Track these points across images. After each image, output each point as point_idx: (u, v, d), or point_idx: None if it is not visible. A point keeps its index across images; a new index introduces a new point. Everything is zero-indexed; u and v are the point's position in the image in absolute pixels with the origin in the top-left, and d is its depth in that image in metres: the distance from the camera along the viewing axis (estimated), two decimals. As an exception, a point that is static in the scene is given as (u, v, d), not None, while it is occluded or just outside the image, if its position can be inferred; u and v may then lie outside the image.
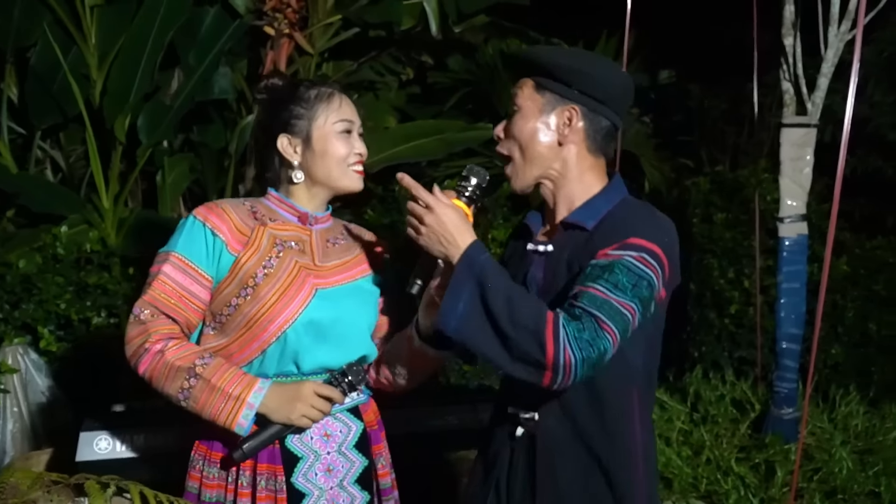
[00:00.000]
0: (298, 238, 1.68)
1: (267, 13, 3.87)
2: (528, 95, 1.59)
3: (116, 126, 3.68)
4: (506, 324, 1.38)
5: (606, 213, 1.56)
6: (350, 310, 1.66)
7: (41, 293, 3.22)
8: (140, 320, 1.58)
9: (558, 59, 1.59)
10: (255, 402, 1.54)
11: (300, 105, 1.66)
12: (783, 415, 3.34)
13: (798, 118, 3.26)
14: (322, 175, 1.67)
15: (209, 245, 1.60)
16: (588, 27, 5.28)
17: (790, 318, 3.31)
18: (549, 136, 1.57)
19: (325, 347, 1.63)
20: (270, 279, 1.59)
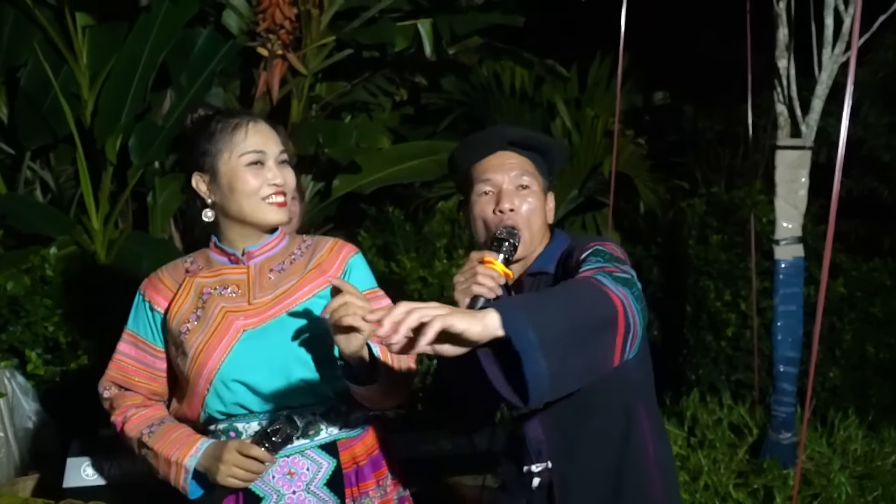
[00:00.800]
0: (231, 281, 1.63)
1: (260, 34, 3.89)
2: (534, 175, 1.69)
3: (107, 146, 3.68)
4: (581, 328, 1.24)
5: (560, 253, 1.66)
6: (282, 343, 1.57)
7: (29, 315, 3.20)
8: (105, 398, 1.73)
9: (558, 145, 1.74)
10: (190, 465, 1.58)
11: (207, 140, 1.59)
12: (781, 439, 3.33)
13: (792, 140, 3.28)
14: (234, 211, 1.59)
15: (149, 318, 1.67)
16: (582, 48, 5.33)
17: (787, 340, 3.31)
18: (548, 218, 1.71)
19: (264, 388, 1.57)
20: (195, 332, 1.58)
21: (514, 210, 1.64)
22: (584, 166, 5.08)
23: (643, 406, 1.61)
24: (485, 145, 1.71)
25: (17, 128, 3.86)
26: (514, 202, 1.64)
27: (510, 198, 1.65)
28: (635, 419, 1.59)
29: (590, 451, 1.59)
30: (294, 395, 1.58)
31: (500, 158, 1.68)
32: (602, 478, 1.58)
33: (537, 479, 1.62)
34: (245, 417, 1.60)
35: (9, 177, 3.98)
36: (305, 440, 1.60)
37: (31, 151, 3.90)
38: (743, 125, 4.62)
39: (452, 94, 5.26)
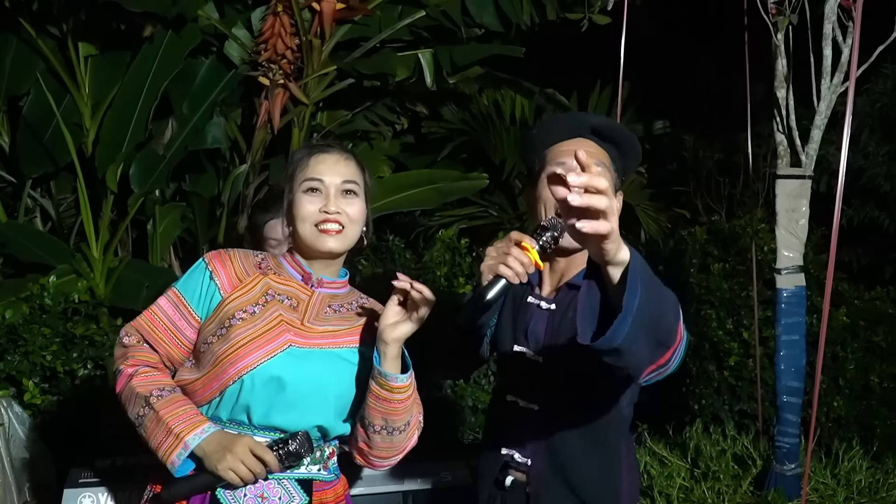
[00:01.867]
0: (294, 295, 1.69)
1: (262, 64, 3.93)
2: (608, 169, 1.64)
3: (108, 175, 3.71)
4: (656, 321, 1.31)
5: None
6: (318, 374, 1.62)
7: (27, 344, 3.20)
8: (123, 343, 1.70)
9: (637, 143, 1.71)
10: (192, 443, 1.55)
11: (290, 165, 1.72)
12: (785, 471, 3.31)
13: (792, 169, 3.30)
14: (298, 236, 1.68)
15: (203, 286, 1.67)
16: (582, 78, 5.38)
17: (790, 370, 3.30)
18: None
19: (281, 405, 1.59)
20: (246, 323, 1.61)
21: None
22: (585, 195, 5.10)
23: (624, 442, 1.71)
24: (566, 128, 1.67)
25: (19, 156, 3.89)
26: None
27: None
28: (617, 452, 1.68)
29: (573, 465, 1.65)
30: (297, 422, 1.61)
31: (578, 144, 1.63)
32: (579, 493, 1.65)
33: (510, 478, 1.70)
34: (240, 427, 1.61)
35: (9, 205, 4.00)
36: (287, 472, 1.62)
37: (31, 180, 3.93)
38: (743, 154, 4.65)
39: (453, 123, 5.30)
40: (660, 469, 3.44)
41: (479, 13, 4.15)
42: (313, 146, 1.73)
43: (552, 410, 1.67)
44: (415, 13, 4.10)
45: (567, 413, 1.66)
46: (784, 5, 3.24)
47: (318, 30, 3.99)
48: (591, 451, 1.65)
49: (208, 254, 1.71)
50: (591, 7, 4.06)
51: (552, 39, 5.08)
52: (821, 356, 3.07)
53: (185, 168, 4.03)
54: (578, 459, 1.65)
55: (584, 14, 4.03)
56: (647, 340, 1.29)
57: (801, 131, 3.28)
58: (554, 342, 1.66)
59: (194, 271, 1.69)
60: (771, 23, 3.27)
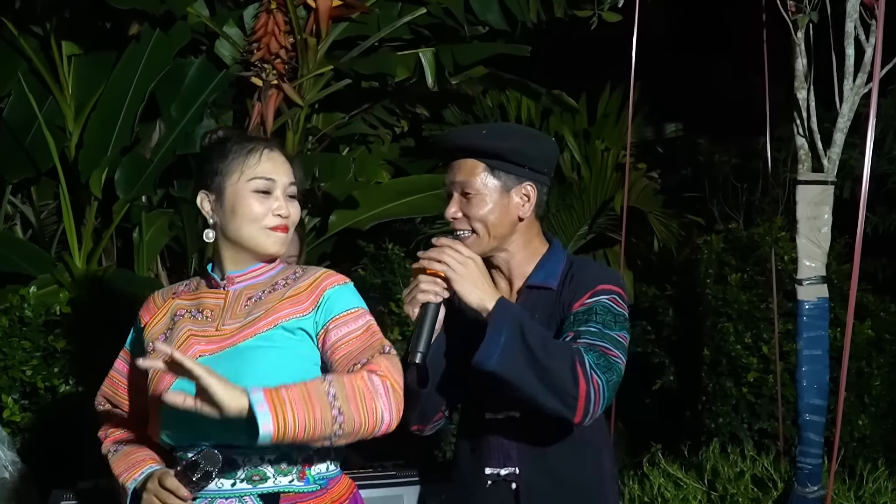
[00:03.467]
0: (205, 305, 1.70)
1: (255, 64, 3.94)
2: (483, 180, 1.83)
3: (92, 180, 3.71)
4: (543, 356, 1.62)
5: (562, 270, 1.86)
6: (232, 375, 1.48)
7: (6, 359, 3.20)
8: (98, 412, 1.85)
9: (509, 143, 1.84)
10: (130, 487, 1.66)
11: (219, 159, 1.67)
12: (807, 493, 3.29)
13: (814, 175, 3.30)
14: (233, 234, 1.66)
15: (138, 336, 1.78)
16: (591, 78, 5.39)
17: (812, 387, 3.29)
18: (510, 215, 1.84)
19: (204, 418, 1.48)
20: (156, 354, 1.60)
21: (456, 218, 1.85)
22: (594, 201, 5.11)
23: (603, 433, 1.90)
24: (443, 151, 1.95)
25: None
26: (452, 210, 1.85)
27: (452, 206, 1.85)
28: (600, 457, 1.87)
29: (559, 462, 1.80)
30: (233, 435, 1.52)
31: (452, 164, 1.87)
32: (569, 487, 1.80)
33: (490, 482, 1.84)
34: (195, 449, 1.60)
35: (-12, 212, 4.01)
36: (248, 485, 1.58)
37: (12, 185, 3.93)
38: (762, 159, 4.65)
39: (455, 126, 5.31)
40: (675, 492, 3.42)
41: (483, 10, 4.16)
42: (249, 137, 1.71)
43: (531, 414, 1.75)
44: (415, 10, 4.11)
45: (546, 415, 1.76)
46: (804, 2, 3.24)
47: (314, 28, 4.00)
48: (578, 443, 1.79)
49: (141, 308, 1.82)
50: (600, 4, 4.07)
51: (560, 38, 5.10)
52: (844, 372, 3.06)
53: (173, 173, 4.03)
54: (566, 455, 1.80)
55: (593, 11, 4.04)
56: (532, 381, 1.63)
57: (822, 134, 3.28)
58: None
59: (134, 325, 1.81)
60: (790, 20, 3.27)
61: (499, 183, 1.83)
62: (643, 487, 3.49)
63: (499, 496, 1.84)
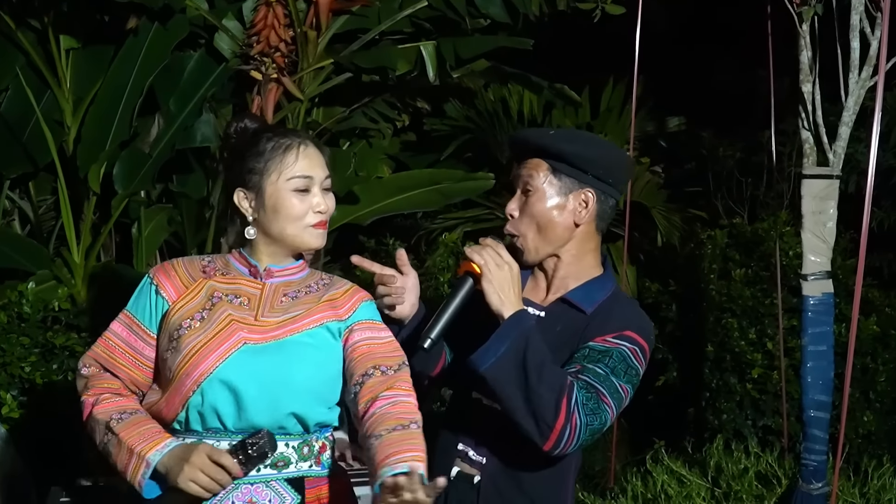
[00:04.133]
0: (243, 292, 1.71)
1: (254, 57, 3.94)
2: (546, 179, 1.85)
3: (90, 175, 3.71)
4: (535, 379, 1.66)
5: (602, 300, 1.85)
6: (278, 366, 1.64)
7: (5, 355, 3.20)
8: (82, 375, 1.74)
9: (574, 147, 1.85)
10: (153, 459, 1.58)
11: (255, 158, 1.69)
12: (812, 490, 3.30)
13: (819, 169, 3.30)
14: (276, 232, 1.70)
15: (152, 302, 1.72)
16: (593, 72, 5.38)
17: (817, 383, 3.29)
18: (567, 219, 1.85)
19: (249, 404, 1.61)
20: (196, 331, 1.64)
21: (513, 216, 1.88)
22: (597, 196, 5.09)
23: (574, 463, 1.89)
24: (513, 152, 1.96)
25: (-4, 156, 3.89)
26: (513, 207, 1.88)
27: (513, 202, 1.88)
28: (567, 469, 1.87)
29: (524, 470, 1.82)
30: (274, 419, 1.63)
31: (522, 163, 1.89)
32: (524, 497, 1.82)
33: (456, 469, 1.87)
34: (217, 434, 1.63)
35: (-15, 207, 4.01)
36: (273, 471, 1.65)
37: (9, 180, 3.93)
38: (766, 153, 4.64)
39: (457, 121, 5.30)
40: (678, 488, 3.43)
41: (485, 3, 4.15)
42: (284, 133, 1.73)
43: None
44: (416, 3, 4.09)
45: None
46: (809, -6, 3.24)
47: (314, 21, 3.99)
48: (545, 464, 1.80)
49: (153, 268, 1.76)
50: (603, -3, 4.06)
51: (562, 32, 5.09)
52: (849, 368, 3.06)
53: (172, 168, 4.03)
54: (533, 465, 1.81)
55: (596, 4, 4.02)
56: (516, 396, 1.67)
57: (828, 128, 3.28)
58: None
59: (141, 289, 1.74)
60: (795, 13, 3.26)
61: (559, 184, 1.85)
62: (646, 484, 3.50)
63: (459, 491, 1.86)
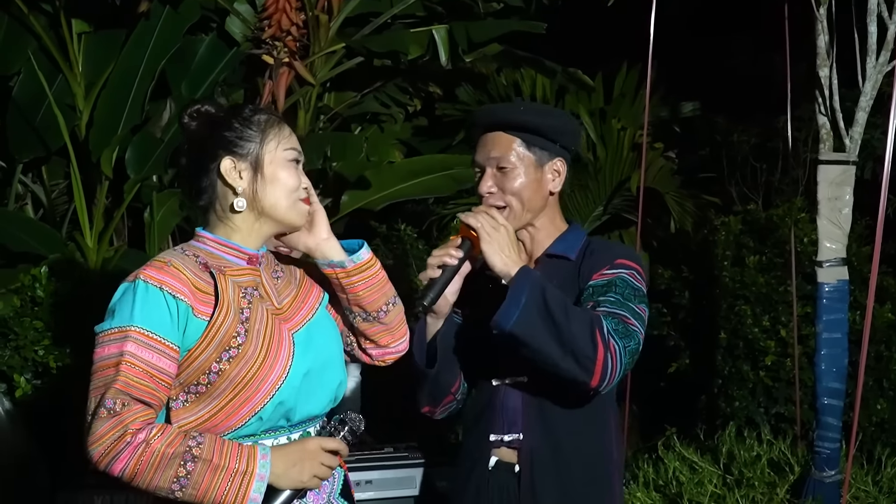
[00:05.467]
0: (254, 283, 1.64)
1: (266, 41, 3.93)
2: (519, 154, 1.89)
3: (103, 160, 3.73)
4: (562, 319, 1.67)
5: (582, 245, 1.94)
6: (326, 345, 1.68)
7: (18, 338, 3.23)
8: (114, 412, 1.45)
9: (547, 120, 1.94)
10: (264, 472, 1.50)
11: (248, 126, 1.62)
12: (825, 477, 3.29)
13: (835, 154, 3.28)
14: (269, 204, 1.61)
15: (172, 312, 1.52)
16: (606, 56, 5.35)
17: (831, 371, 3.28)
18: (544, 189, 1.92)
19: (308, 394, 1.63)
20: (252, 336, 1.55)
21: (491, 193, 1.90)
22: (610, 182, 5.08)
23: (612, 413, 1.92)
24: (475, 128, 1.97)
25: (9, 140, 3.91)
26: (489, 185, 1.90)
27: (487, 181, 1.90)
28: (607, 422, 1.89)
29: (564, 435, 1.83)
30: (321, 401, 1.67)
31: (484, 140, 1.92)
32: (571, 465, 1.83)
33: (495, 458, 1.88)
34: (276, 433, 1.61)
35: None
36: None
37: (22, 165, 3.95)
38: (782, 138, 4.61)
39: (469, 105, 5.28)
40: (690, 475, 3.43)
41: (498, -13, 4.14)
42: (264, 109, 1.72)
43: (541, 380, 1.81)
44: (429, -13, 4.09)
45: (554, 383, 1.80)
46: (826, -23, 3.21)
47: (326, 4, 3.98)
48: (584, 417, 1.84)
49: (147, 273, 1.53)
50: (618, -20, 4.02)
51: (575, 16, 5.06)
52: (864, 356, 3.05)
53: (184, 153, 4.04)
54: (572, 427, 1.83)
55: (610, -12, 3.99)
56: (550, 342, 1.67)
57: (844, 113, 3.25)
58: None
59: (147, 298, 1.51)
60: (812, -4, 3.23)
61: (534, 157, 1.89)
62: (657, 471, 3.50)
63: (500, 480, 1.86)
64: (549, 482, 1.82)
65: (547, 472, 1.82)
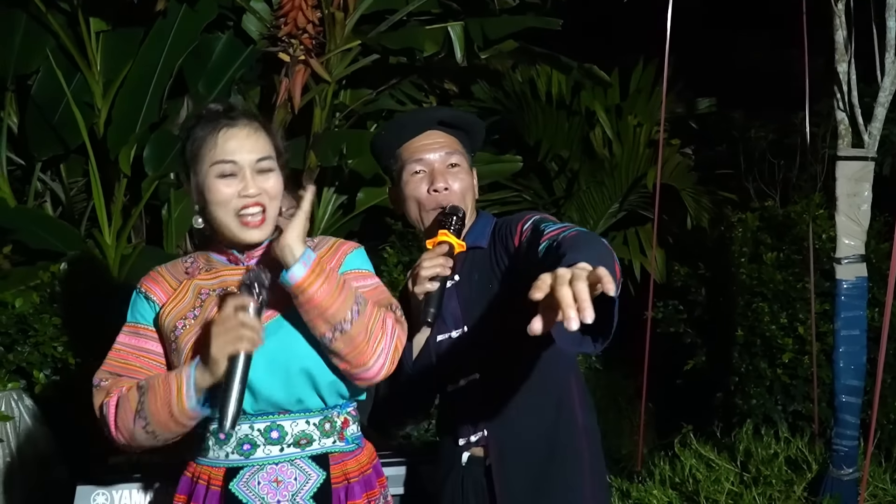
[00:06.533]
0: (227, 283, 1.69)
1: (282, 39, 3.95)
2: (463, 152, 1.90)
3: (121, 157, 3.75)
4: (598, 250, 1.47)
5: (491, 229, 1.88)
6: (281, 344, 1.63)
7: (37, 335, 3.26)
8: (100, 388, 1.69)
9: (475, 120, 1.94)
10: (191, 370, 1.56)
11: (189, 145, 1.67)
12: (842, 475, 3.28)
13: (854, 150, 3.25)
14: (212, 218, 1.66)
15: (146, 308, 1.73)
16: (622, 52, 5.33)
17: (849, 368, 3.26)
18: (476, 192, 1.93)
19: (265, 387, 1.62)
20: (189, 331, 1.64)
21: (448, 189, 1.85)
22: (626, 178, 5.07)
23: (574, 377, 1.86)
24: (413, 125, 1.89)
25: (28, 138, 3.95)
26: (447, 181, 1.84)
27: (443, 177, 1.85)
28: (566, 389, 1.83)
29: (525, 418, 1.80)
30: (291, 395, 1.65)
31: (429, 138, 1.87)
32: (536, 445, 1.80)
33: (466, 454, 1.84)
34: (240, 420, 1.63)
35: (18, 189, 4.07)
36: (297, 449, 1.66)
37: (41, 163, 3.99)
38: (800, 134, 4.58)
39: (484, 102, 5.29)
40: (706, 473, 3.42)
41: (513, -17, 4.13)
42: (214, 114, 1.67)
43: (491, 374, 1.80)
44: (444, -17, 4.09)
45: (505, 372, 1.79)
46: (845, -28, 3.18)
47: (341, 2, 4.00)
48: (539, 394, 1.79)
49: (140, 282, 1.76)
50: (634, -24, 4.02)
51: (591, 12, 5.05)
52: (883, 353, 3.03)
53: (201, 150, 4.06)
54: (529, 409, 1.79)
55: (626, -17, 3.99)
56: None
57: (863, 109, 3.23)
58: (468, 309, 1.84)
59: (134, 302, 1.75)
60: (831, -9, 3.21)
61: (467, 160, 1.91)
62: (674, 468, 3.49)
63: (473, 475, 1.85)
64: (517, 468, 1.80)
65: (515, 459, 1.80)
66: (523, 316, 1.26)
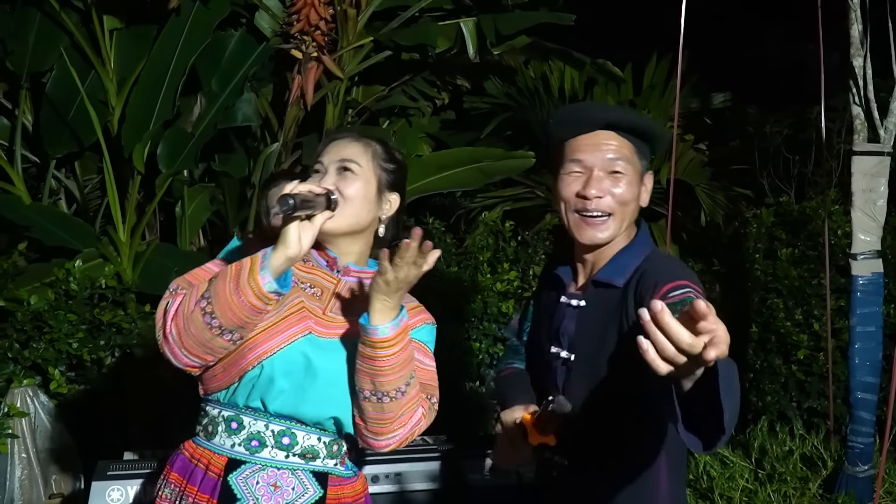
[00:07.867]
0: (318, 283, 1.72)
1: (294, 36, 3.96)
2: (631, 160, 1.69)
3: (135, 155, 3.77)
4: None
5: (636, 268, 1.66)
6: (336, 365, 1.65)
7: (52, 332, 3.29)
8: (172, 290, 1.64)
9: (662, 130, 1.76)
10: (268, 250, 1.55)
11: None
12: (857, 472, 3.26)
13: (870, 145, 3.23)
14: None
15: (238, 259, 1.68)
16: (635, 46, 5.31)
17: (865, 365, 3.25)
18: (642, 201, 1.73)
19: (298, 394, 1.64)
20: (272, 311, 1.63)
21: (601, 197, 1.66)
22: (640, 174, 5.05)
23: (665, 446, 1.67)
24: (582, 123, 1.71)
25: (42, 136, 3.98)
26: (601, 188, 1.66)
27: (599, 184, 1.66)
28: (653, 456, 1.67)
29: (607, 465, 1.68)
30: (313, 411, 1.66)
31: (596, 138, 1.69)
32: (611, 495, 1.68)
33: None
34: (255, 414, 1.65)
35: (33, 186, 4.10)
36: (301, 461, 1.67)
37: (56, 160, 4.01)
38: (815, 129, 4.55)
39: (497, 98, 5.28)
40: (721, 470, 3.41)
41: (526, -22, 4.13)
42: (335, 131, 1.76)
43: (586, 408, 1.68)
44: (456, -21, 4.09)
45: (601, 411, 1.67)
46: (861, -35, 3.16)
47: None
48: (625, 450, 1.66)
49: (244, 235, 1.74)
50: (647, -30, 4.00)
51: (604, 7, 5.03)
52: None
53: (214, 147, 4.09)
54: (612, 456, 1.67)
55: (639, -22, 3.97)
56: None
57: (879, 104, 3.21)
58: (581, 342, 1.70)
59: (232, 245, 1.78)
60: (846, -15, 3.19)
61: (640, 166, 1.71)
62: (688, 466, 3.49)
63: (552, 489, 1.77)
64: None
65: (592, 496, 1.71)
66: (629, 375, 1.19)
